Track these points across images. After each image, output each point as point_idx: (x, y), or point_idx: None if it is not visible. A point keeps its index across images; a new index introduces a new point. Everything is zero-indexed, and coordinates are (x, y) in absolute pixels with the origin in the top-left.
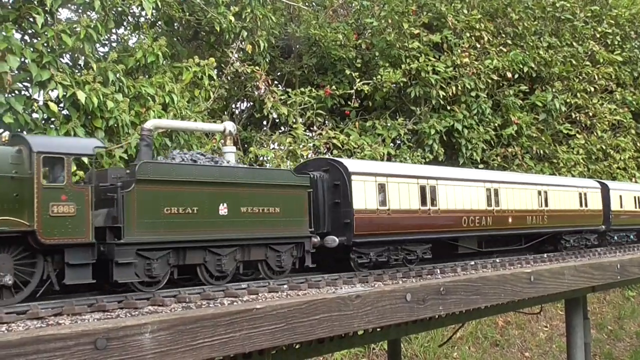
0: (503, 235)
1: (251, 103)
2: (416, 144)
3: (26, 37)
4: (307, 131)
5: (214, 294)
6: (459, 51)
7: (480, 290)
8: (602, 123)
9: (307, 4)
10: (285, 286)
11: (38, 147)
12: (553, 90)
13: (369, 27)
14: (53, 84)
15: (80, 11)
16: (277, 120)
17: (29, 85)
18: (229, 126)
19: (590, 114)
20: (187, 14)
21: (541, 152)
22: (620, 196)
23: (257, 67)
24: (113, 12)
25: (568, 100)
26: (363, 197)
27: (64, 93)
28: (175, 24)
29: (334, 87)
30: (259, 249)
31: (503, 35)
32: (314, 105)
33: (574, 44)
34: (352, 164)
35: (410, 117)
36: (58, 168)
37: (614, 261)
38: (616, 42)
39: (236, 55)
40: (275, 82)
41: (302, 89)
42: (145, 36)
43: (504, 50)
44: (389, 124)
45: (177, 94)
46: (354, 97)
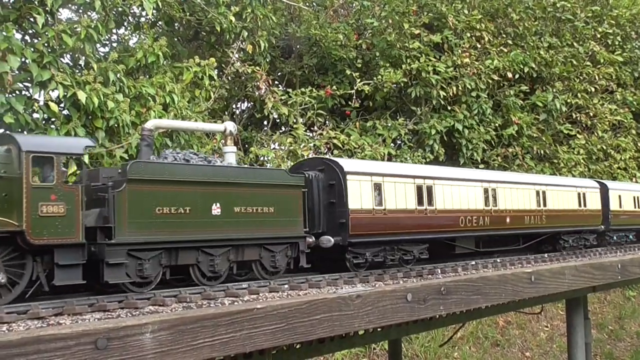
0: (501, 235)
1: (252, 103)
2: (417, 144)
3: (27, 37)
4: (308, 131)
5: (215, 294)
6: (460, 51)
7: (481, 290)
8: (603, 123)
9: (308, 4)
10: (285, 286)
11: (27, 147)
12: (554, 90)
13: (370, 28)
14: (54, 84)
15: (80, 11)
16: (278, 120)
17: (30, 85)
18: (230, 126)
19: (590, 114)
20: (188, 14)
21: (542, 153)
22: (619, 196)
23: (258, 67)
24: (113, 12)
25: (569, 100)
26: (359, 197)
27: (65, 93)
28: (175, 24)
29: (335, 87)
30: (253, 249)
31: (504, 35)
32: (315, 105)
33: (575, 44)
34: (348, 164)
35: (410, 117)
36: (47, 167)
37: (615, 261)
38: (617, 43)
39: (237, 55)
40: (275, 82)
41: (303, 89)
42: (145, 36)
43: (505, 50)
44: (390, 124)
45: (178, 94)
46: (355, 97)
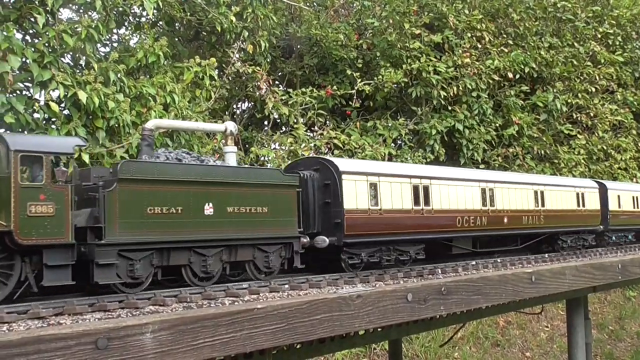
0: (498, 235)
1: (252, 103)
2: (417, 144)
3: (27, 37)
4: (308, 131)
5: (215, 294)
6: (460, 51)
7: (481, 290)
8: (603, 123)
9: (308, 4)
10: (286, 286)
11: (16, 146)
12: (554, 90)
13: (370, 28)
14: (54, 84)
15: (81, 11)
16: (278, 120)
17: (30, 85)
18: (230, 126)
19: (591, 115)
20: (189, 14)
21: (542, 153)
22: (618, 196)
23: (258, 67)
24: (114, 12)
25: (569, 100)
26: (354, 197)
27: (65, 93)
28: (176, 24)
29: (335, 87)
30: (246, 250)
31: (504, 35)
32: (315, 105)
33: (575, 45)
34: (343, 163)
35: (411, 117)
36: (36, 167)
37: (615, 261)
38: (617, 43)
39: (237, 55)
40: (276, 82)
41: (303, 89)
42: (146, 36)
43: (505, 50)
44: (390, 124)
45: (178, 94)
46: (355, 97)
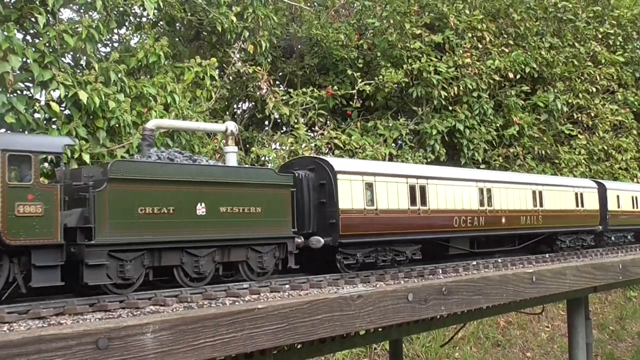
0: (496, 235)
1: (253, 103)
2: (418, 145)
3: (28, 37)
4: (309, 131)
5: (216, 294)
6: (461, 51)
7: (482, 290)
8: (604, 123)
9: (309, 4)
10: (287, 286)
11: (3, 145)
12: (555, 90)
13: (371, 28)
14: (55, 84)
15: (82, 11)
16: (279, 120)
17: (31, 85)
18: (231, 126)
19: (592, 115)
20: (189, 14)
21: (543, 153)
22: (617, 196)
23: (259, 68)
24: (115, 12)
25: (570, 100)
26: (349, 197)
27: (66, 93)
28: (177, 24)
29: (336, 88)
30: (239, 250)
31: (505, 35)
32: (316, 105)
33: (576, 45)
34: (338, 163)
35: (412, 118)
36: (25, 167)
37: (616, 261)
38: (618, 43)
39: (238, 55)
40: (277, 82)
41: (304, 89)
42: (147, 36)
43: (506, 50)
44: (391, 124)
45: (179, 94)
46: (356, 97)
